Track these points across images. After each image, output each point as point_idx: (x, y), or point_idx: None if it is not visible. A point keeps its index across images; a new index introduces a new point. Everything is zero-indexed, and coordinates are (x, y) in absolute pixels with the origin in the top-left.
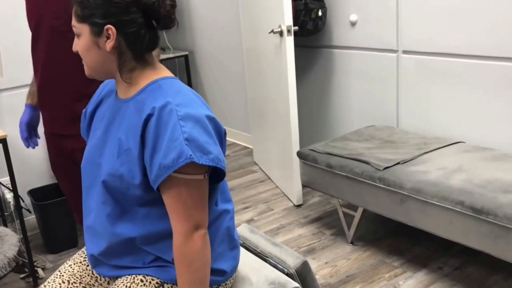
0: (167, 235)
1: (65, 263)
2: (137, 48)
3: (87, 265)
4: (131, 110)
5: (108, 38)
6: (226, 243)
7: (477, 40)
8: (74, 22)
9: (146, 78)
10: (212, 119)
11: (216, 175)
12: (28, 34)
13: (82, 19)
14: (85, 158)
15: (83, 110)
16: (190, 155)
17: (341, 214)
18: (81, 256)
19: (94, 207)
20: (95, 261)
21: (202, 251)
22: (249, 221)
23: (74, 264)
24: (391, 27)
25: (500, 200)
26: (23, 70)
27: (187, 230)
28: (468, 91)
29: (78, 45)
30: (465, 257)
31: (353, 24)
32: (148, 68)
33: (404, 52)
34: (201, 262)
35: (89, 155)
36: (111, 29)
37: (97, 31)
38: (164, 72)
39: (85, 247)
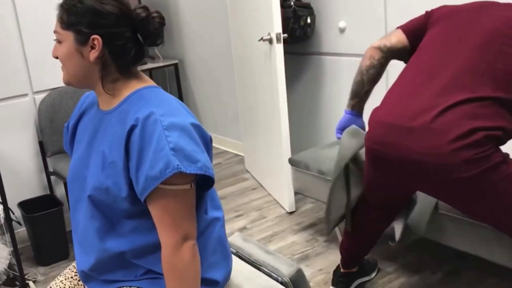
0: (157, 248)
1: (56, 279)
2: (121, 61)
3: (78, 280)
4: (113, 121)
5: (93, 48)
6: (219, 252)
7: None
8: (57, 27)
9: (129, 88)
10: (197, 127)
11: (204, 183)
12: (7, 46)
13: (67, 26)
14: (70, 173)
15: (65, 124)
16: (178, 165)
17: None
18: (72, 271)
19: (81, 222)
20: (86, 277)
21: (192, 262)
22: (242, 229)
23: (65, 279)
24: (380, 33)
25: None
26: (7, 82)
27: (176, 242)
28: None
29: (59, 51)
30: (459, 261)
31: (342, 30)
32: (132, 79)
33: None
34: (191, 274)
35: (74, 169)
36: (97, 39)
37: (82, 40)
38: (146, 82)
39: (75, 262)
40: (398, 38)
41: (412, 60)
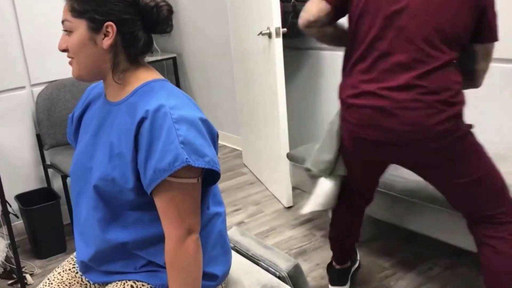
0: (160, 239)
1: (54, 271)
2: (133, 49)
3: (76, 272)
4: (122, 113)
5: (106, 35)
6: (219, 247)
7: None
8: (68, 16)
9: (138, 80)
10: (205, 121)
11: (209, 177)
12: (5, 38)
13: (79, 14)
14: (74, 163)
15: (69, 115)
16: (186, 158)
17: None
18: (70, 263)
19: (84, 213)
20: (85, 267)
21: (195, 256)
22: (240, 223)
23: (63, 271)
24: None
25: None
26: (5, 74)
27: (180, 235)
28: None
29: (69, 41)
30: (456, 257)
31: None
32: (140, 69)
33: None
34: (194, 267)
35: (78, 159)
36: (111, 26)
37: (95, 27)
38: (155, 75)
39: (74, 253)
40: (318, 7)
41: (360, 33)
